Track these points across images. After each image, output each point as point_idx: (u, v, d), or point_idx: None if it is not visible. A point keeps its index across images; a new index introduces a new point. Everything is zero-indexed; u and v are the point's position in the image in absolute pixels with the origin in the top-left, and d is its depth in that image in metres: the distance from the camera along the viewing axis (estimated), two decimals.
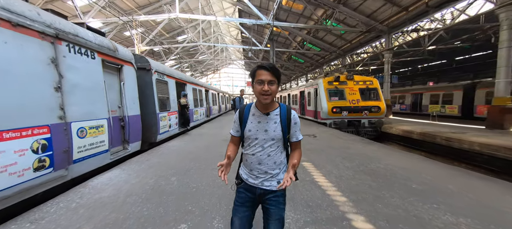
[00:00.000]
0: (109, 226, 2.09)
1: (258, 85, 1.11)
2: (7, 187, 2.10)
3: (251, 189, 1.21)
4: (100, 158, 3.40)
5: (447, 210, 2.33)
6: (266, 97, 1.11)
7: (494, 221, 2.12)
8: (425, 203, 2.50)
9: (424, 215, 2.25)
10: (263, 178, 1.20)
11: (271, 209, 1.18)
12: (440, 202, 2.51)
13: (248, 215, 1.23)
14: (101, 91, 3.43)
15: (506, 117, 8.07)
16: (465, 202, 2.52)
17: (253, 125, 1.20)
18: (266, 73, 1.09)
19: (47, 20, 2.60)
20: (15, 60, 2.22)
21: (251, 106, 1.26)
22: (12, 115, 2.14)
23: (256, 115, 1.21)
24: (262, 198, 1.21)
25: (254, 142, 1.20)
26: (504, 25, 8.11)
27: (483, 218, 2.18)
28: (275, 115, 1.19)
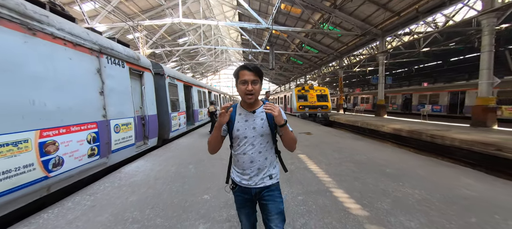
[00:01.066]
0: (149, 197, 2.81)
1: (242, 85, 1.16)
2: (73, 167, 2.82)
3: (246, 190, 1.25)
4: (128, 150, 4.12)
5: (408, 186, 3.07)
6: (250, 97, 1.17)
7: (440, 191, 2.87)
8: (393, 182, 3.23)
9: (390, 189, 2.99)
10: (257, 177, 1.23)
11: (268, 205, 1.22)
12: (405, 181, 3.25)
13: (250, 212, 1.31)
14: (129, 94, 4.16)
15: (489, 116, 8.85)
16: (425, 182, 3.26)
17: (241, 124, 1.24)
18: (249, 73, 1.14)
19: (93, 39, 3.33)
20: (76, 71, 2.94)
21: (236, 106, 1.29)
22: (75, 114, 2.86)
23: (243, 114, 1.25)
24: (258, 196, 1.25)
25: (243, 140, 1.23)
26: (485, 31, 8.90)
27: (433, 190, 2.92)
28: (261, 112, 1.24)
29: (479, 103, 9.07)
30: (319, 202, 2.60)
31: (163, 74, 5.86)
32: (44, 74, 2.48)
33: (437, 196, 2.75)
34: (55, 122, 2.56)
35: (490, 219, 2.22)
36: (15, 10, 2.22)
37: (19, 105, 2.20)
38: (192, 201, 2.69)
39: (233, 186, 1.31)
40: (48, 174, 2.47)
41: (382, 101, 14.06)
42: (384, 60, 14.80)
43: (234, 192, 1.31)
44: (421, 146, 8.02)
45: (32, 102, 2.32)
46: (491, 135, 6.65)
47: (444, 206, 2.49)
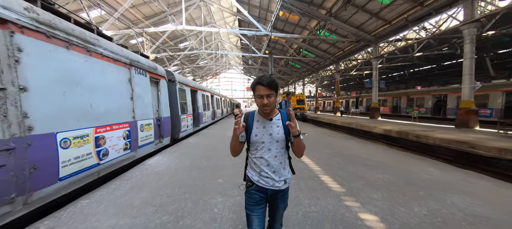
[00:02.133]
0: (174, 181, 3.58)
1: (259, 99, 1.30)
2: (114, 158, 3.60)
3: (263, 190, 1.36)
4: (149, 147, 4.90)
5: (381, 173, 3.88)
6: (266, 109, 1.31)
7: (404, 176, 3.68)
8: (370, 171, 4.04)
9: (366, 175, 3.79)
10: (272, 179, 1.34)
11: (279, 204, 1.42)
12: (379, 170, 4.06)
13: (263, 212, 1.40)
14: (150, 99, 4.95)
15: (471, 117, 9.73)
16: (395, 170, 4.08)
17: (259, 130, 1.36)
18: (264, 88, 1.26)
19: (126, 54, 4.13)
20: (116, 81, 3.74)
21: (255, 113, 1.43)
22: (115, 115, 3.65)
23: (261, 121, 1.38)
24: (272, 197, 1.39)
25: (261, 145, 1.35)
26: (467, 39, 9.84)
27: (399, 175, 3.74)
28: (277, 119, 1.37)
29: (463, 105, 9.95)
30: (309, 184, 3.39)
31: (174, 81, 6.67)
32: (97, 84, 3.27)
33: (401, 179, 3.57)
34: (104, 121, 3.34)
35: (433, 192, 3.03)
36: (81, 38, 3.03)
37: (84, 108, 2.98)
38: (209, 183, 3.47)
39: (250, 184, 1.40)
40: (99, 162, 3.25)
41: (376, 104, 14.94)
42: (379, 65, 15.77)
43: (250, 190, 1.39)
44: (409, 145, 8.85)
45: (91, 106, 3.10)
46: (469, 135, 7.50)
47: (404, 185, 3.30)
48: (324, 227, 2.21)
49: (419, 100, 19.74)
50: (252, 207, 1.38)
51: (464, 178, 3.69)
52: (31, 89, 2.28)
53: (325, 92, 45.51)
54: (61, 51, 2.69)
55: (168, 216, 2.47)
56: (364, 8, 13.33)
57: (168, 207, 2.69)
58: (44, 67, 2.45)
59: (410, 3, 11.97)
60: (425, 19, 12.13)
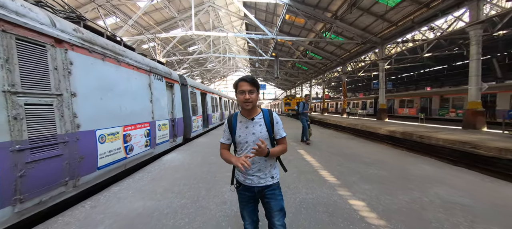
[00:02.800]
0: (189, 174, 4.10)
1: (241, 95, 1.34)
2: (137, 153, 4.17)
3: (250, 189, 1.42)
4: (165, 145, 5.47)
5: (376, 169, 4.25)
6: (248, 104, 1.35)
7: (398, 172, 4.03)
8: (366, 167, 4.41)
9: (361, 171, 4.17)
10: (258, 177, 1.40)
11: (271, 202, 1.40)
12: (376, 167, 4.42)
13: (253, 209, 1.48)
14: (165, 102, 5.53)
15: (478, 119, 9.76)
16: (390, 166, 4.43)
17: (242, 130, 1.41)
18: (246, 84, 1.33)
19: (146, 62, 4.73)
20: (139, 86, 4.32)
21: (237, 115, 1.48)
22: (138, 116, 4.23)
23: (243, 122, 1.43)
24: (260, 194, 1.43)
25: (245, 145, 1.40)
26: (473, 41, 9.91)
27: (393, 171, 4.09)
28: (259, 118, 1.42)
29: (470, 107, 10.00)
30: (308, 177, 3.82)
31: (186, 84, 7.27)
32: (124, 89, 3.85)
33: (394, 174, 3.93)
34: (130, 121, 3.92)
35: (421, 185, 3.39)
36: (112, 50, 3.62)
37: (115, 110, 3.57)
38: (220, 176, 3.97)
39: (237, 185, 1.48)
40: (126, 156, 3.82)
41: (384, 105, 15.04)
42: (387, 66, 15.87)
43: (239, 191, 1.48)
44: (413, 145, 9.02)
45: (120, 108, 3.69)
46: (473, 136, 7.64)
47: (396, 179, 3.67)
48: (317, 209, 2.65)
49: (457, 100, 16.74)
50: (243, 205, 1.50)
51: (454, 174, 3.99)
52: (79, 94, 2.86)
53: (332, 94, 45.37)
54: (98, 63, 3.28)
55: (186, 200, 2.98)
56: (369, 10, 13.56)
57: (185, 193, 3.20)
58: (87, 77, 3.03)
59: (415, 5, 12.12)
60: (431, 20, 12.23)
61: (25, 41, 2.26)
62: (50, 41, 2.52)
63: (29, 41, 2.30)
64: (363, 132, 12.36)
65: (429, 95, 19.26)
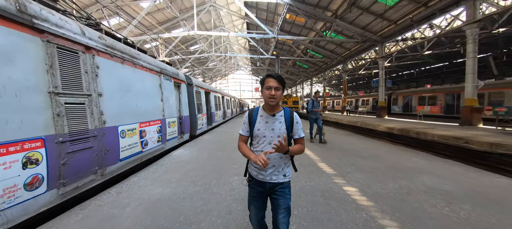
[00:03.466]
0: (199, 167, 4.51)
1: (267, 90, 1.41)
2: (151, 148, 4.59)
3: (261, 184, 1.47)
4: (174, 141, 5.89)
5: (371, 162, 4.64)
6: (273, 100, 1.40)
7: (390, 164, 4.42)
8: (362, 160, 4.80)
9: (357, 163, 4.57)
10: (271, 172, 1.44)
11: (279, 199, 1.44)
12: (371, 160, 4.81)
13: (261, 204, 1.53)
14: (174, 100, 5.94)
15: (474, 115, 10.11)
16: (384, 159, 4.81)
17: (261, 125, 1.46)
18: (273, 81, 1.39)
19: (157, 64, 5.13)
20: (151, 87, 4.73)
21: (259, 109, 1.53)
22: (151, 114, 4.63)
23: (264, 116, 1.48)
24: (271, 191, 1.47)
25: (262, 139, 1.45)
26: (469, 39, 10.22)
27: (386, 163, 4.48)
28: (280, 116, 1.47)
29: (467, 104, 10.33)
30: (307, 169, 4.22)
31: (191, 84, 7.67)
32: (139, 89, 4.26)
33: (387, 166, 4.32)
34: (144, 118, 4.33)
35: (410, 175, 3.78)
36: (129, 54, 4.02)
37: (132, 108, 3.97)
38: (227, 168, 4.38)
39: (250, 179, 1.53)
40: (142, 150, 4.23)
41: (383, 103, 15.39)
42: (387, 63, 16.18)
43: (250, 185, 1.53)
44: (410, 142, 9.39)
45: (136, 106, 4.09)
46: (467, 132, 8.00)
47: (387, 170, 4.06)
48: (315, 194, 3.05)
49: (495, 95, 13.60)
50: (252, 200, 1.54)
51: (442, 165, 4.38)
52: (104, 94, 3.27)
53: (334, 92, 45.68)
54: (118, 66, 3.68)
55: (199, 187, 3.39)
56: (369, 9, 13.87)
57: (198, 182, 3.61)
58: (110, 79, 3.44)
59: (414, 4, 12.42)
60: (429, 19, 12.53)
61: (63, 49, 2.66)
62: (82, 48, 2.92)
63: (66, 49, 2.70)
64: (362, 129, 12.73)
65: (458, 91, 15.77)
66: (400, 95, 21.56)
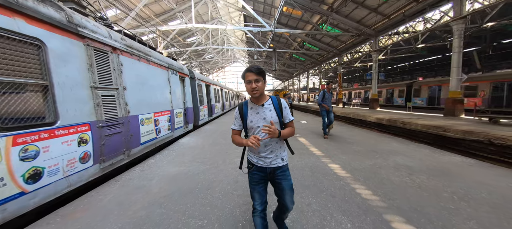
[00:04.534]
0: (205, 151, 5.21)
1: (248, 84, 1.51)
2: (163, 135, 5.26)
3: (262, 169, 1.61)
4: (181, 130, 6.56)
5: (355, 146, 5.42)
6: (255, 92, 1.52)
7: (371, 148, 5.21)
8: (348, 145, 5.58)
9: (343, 147, 5.34)
10: (270, 158, 1.59)
11: (282, 182, 1.60)
12: (355, 145, 5.60)
13: (263, 189, 1.65)
14: (180, 93, 6.57)
15: (457, 106, 10.99)
16: (367, 144, 5.60)
17: (253, 116, 1.59)
18: (252, 74, 1.49)
19: (166, 60, 5.72)
20: (162, 80, 5.35)
21: (247, 102, 1.65)
22: (162, 105, 5.28)
23: (254, 108, 1.60)
24: (272, 175, 1.61)
25: (257, 130, 1.57)
26: (455, 35, 10.96)
27: (367, 148, 5.26)
28: (269, 104, 1.60)
29: (450, 96, 11.19)
30: (300, 152, 4.97)
31: (194, 78, 8.28)
32: (153, 83, 4.88)
33: (368, 149, 5.11)
34: (158, 108, 4.98)
35: (385, 155, 4.57)
36: (144, 52, 4.62)
37: (148, 99, 4.62)
38: (230, 152, 5.11)
39: (250, 166, 1.64)
40: (157, 136, 4.91)
41: (375, 95, 16.21)
42: (382, 56, 16.89)
43: (251, 172, 1.63)
44: (397, 131, 10.25)
45: (151, 98, 4.73)
46: (447, 122, 8.86)
47: (367, 152, 4.84)
48: (304, 169, 3.80)
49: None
50: (254, 185, 1.64)
51: (413, 149, 5.19)
52: (128, 88, 3.90)
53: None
54: (136, 63, 4.29)
55: (208, 166, 4.11)
56: (363, 4, 14.42)
57: (206, 163, 4.32)
58: (131, 74, 4.06)
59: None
60: (420, 14, 13.20)
61: (98, 50, 3.28)
62: (110, 49, 3.53)
63: (100, 50, 3.31)
64: (354, 120, 13.58)
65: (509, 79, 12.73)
66: (424, 85, 17.90)
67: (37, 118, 2.33)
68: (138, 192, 3.02)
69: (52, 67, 2.48)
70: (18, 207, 2.10)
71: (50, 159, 2.39)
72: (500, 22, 13.45)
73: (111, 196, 2.89)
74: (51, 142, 2.40)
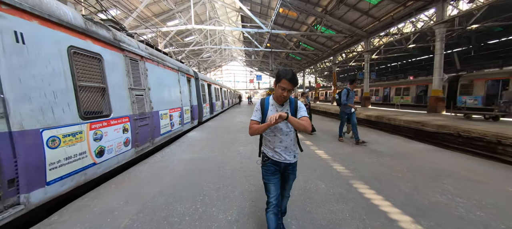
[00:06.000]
0: (212, 143, 6.20)
1: (280, 90, 1.66)
2: (176, 128, 6.24)
3: (277, 163, 1.78)
4: (188, 125, 7.54)
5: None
6: (284, 99, 1.71)
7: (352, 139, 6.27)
8: (334, 137, 6.61)
9: (331, 139, 6.39)
10: (284, 153, 1.76)
11: (290, 176, 1.87)
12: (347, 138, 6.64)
13: (278, 180, 1.81)
14: (187, 92, 7.52)
15: (439, 104, 12.18)
16: (349, 136, 6.65)
17: (273, 113, 1.73)
18: (289, 84, 1.61)
19: (176, 63, 6.68)
20: (174, 82, 6.31)
21: (270, 98, 1.83)
22: (174, 102, 6.24)
23: (274, 106, 1.78)
24: (284, 169, 1.81)
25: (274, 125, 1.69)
26: (437, 38, 12.12)
27: (349, 138, 6.31)
28: (287, 104, 1.79)
29: (433, 94, 12.38)
30: None
31: (198, 78, 9.24)
32: (167, 84, 5.84)
33: (349, 139, 6.15)
34: (171, 105, 5.94)
35: (367, 145, 5.62)
36: (160, 58, 5.58)
37: (164, 98, 5.58)
38: (233, 142, 6.12)
39: (266, 159, 1.83)
40: (171, 129, 5.87)
41: (367, 93, 17.37)
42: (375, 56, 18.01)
43: (266, 164, 1.81)
44: (384, 127, 11.39)
45: (166, 97, 5.69)
46: (427, 117, 9.99)
47: (348, 141, 5.90)
48: None
49: None
50: (268, 177, 1.78)
51: (388, 138, 6.29)
52: (151, 88, 4.86)
53: (326, 82, 47.98)
54: (156, 67, 5.25)
55: (216, 154, 5.10)
56: (355, 7, 15.50)
57: (214, 150, 5.31)
58: (153, 77, 5.02)
59: (394, 3, 14.15)
60: (407, 17, 14.37)
61: (132, 59, 4.23)
62: (139, 58, 4.49)
63: (133, 59, 4.26)
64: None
65: None
66: (477, 79, 14.03)
67: (100, 112, 3.28)
68: (164, 170, 4.00)
69: (107, 74, 3.43)
70: (92, 174, 3.06)
71: (108, 141, 3.35)
72: (484, 24, 14.70)
73: (145, 173, 3.86)
74: (108, 129, 3.36)
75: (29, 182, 2.19)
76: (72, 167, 2.68)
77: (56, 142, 2.46)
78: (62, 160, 2.53)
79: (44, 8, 2.42)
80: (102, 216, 2.41)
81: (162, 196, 2.91)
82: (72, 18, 2.78)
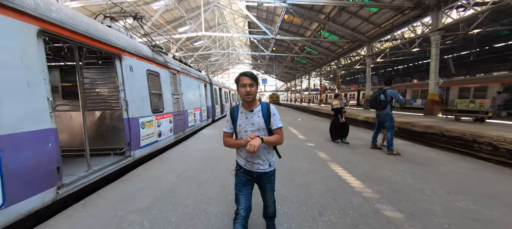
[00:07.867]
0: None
1: (242, 88, 1.69)
2: (196, 123, 8.31)
3: (249, 173, 1.79)
4: (205, 121, 9.64)
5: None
6: (249, 96, 1.70)
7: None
8: (324, 132, 8.49)
9: (320, 133, 8.27)
10: (257, 163, 1.76)
11: (266, 185, 1.87)
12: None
13: (249, 192, 1.81)
14: (204, 96, 9.61)
15: (434, 107, 13.74)
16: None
17: (242, 120, 1.77)
18: (247, 78, 1.68)
19: (197, 73, 8.77)
20: (196, 87, 8.41)
21: (238, 106, 1.85)
22: (196, 103, 8.31)
23: (243, 113, 1.79)
24: (258, 179, 1.82)
25: (244, 134, 1.74)
26: (433, 44, 13.74)
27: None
28: (258, 110, 1.77)
29: (429, 97, 13.97)
30: (289, 137, 7.90)
31: (212, 84, 11.36)
32: (192, 89, 7.92)
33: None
34: (195, 106, 8.02)
35: (350, 139, 7.47)
36: (187, 70, 7.69)
37: (190, 100, 7.69)
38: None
39: (238, 168, 1.85)
40: (194, 124, 7.96)
41: (367, 96, 19.03)
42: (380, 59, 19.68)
43: (238, 174, 1.83)
44: None
45: (191, 99, 7.76)
46: (420, 119, 11.65)
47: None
48: (289, 147, 6.73)
49: None
50: (239, 187, 1.80)
51: (371, 135, 8.09)
52: (183, 93, 6.93)
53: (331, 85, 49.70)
54: (185, 77, 7.35)
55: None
56: (356, 14, 17.36)
57: None
58: (184, 85, 7.12)
59: (393, 12, 15.91)
60: (406, 24, 16.09)
61: (172, 73, 6.33)
62: (176, 72, 6.58)
63: (173, 73, 6.36)
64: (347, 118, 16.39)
65: None
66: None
67: (159, 109, 5.36)
68: (188, 156, 5.97)
69: (162, 85, 5.51)
70: (156, 146, 5.11)
71: (163, 128, 5.43)
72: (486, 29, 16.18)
73: (174, 156, 5.86)
74: (163, 120, 5.43)
75: (134, 145, 4.24)
76: (149, 140, 4.76)
77: (144, 125, 4.53)
78: (145, 135, 4.59)
79: (138, 50, 4.53)
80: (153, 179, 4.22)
81: (190, 170, 4.76)
82: (148, 52, 4.88)
